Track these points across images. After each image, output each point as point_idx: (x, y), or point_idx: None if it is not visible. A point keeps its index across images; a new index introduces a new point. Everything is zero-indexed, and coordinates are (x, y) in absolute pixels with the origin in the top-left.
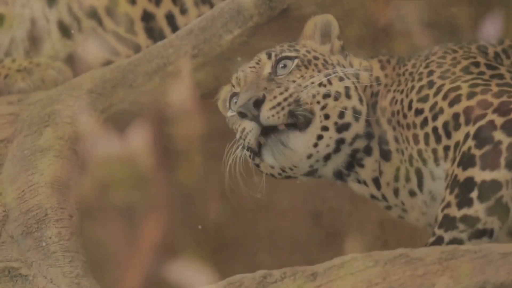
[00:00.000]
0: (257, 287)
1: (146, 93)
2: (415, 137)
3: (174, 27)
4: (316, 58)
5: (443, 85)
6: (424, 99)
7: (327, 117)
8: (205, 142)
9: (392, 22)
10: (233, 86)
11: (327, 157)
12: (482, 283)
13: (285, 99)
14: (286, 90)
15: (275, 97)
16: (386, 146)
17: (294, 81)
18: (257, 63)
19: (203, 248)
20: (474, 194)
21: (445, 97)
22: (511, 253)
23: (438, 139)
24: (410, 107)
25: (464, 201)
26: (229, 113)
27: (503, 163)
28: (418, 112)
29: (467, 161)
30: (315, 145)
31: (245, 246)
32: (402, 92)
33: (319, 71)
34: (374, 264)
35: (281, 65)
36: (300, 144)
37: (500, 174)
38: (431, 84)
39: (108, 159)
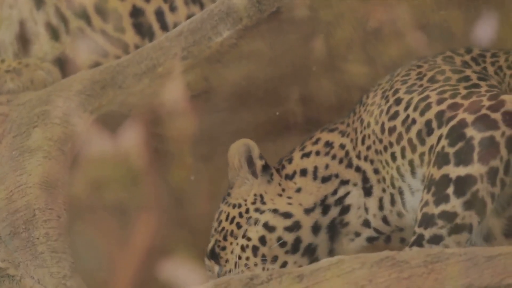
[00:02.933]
0: None
1: (135, 94)
2: (393, 155)
3: (163, 24)
4: (232, 220)
5: (411, 98)
6: (394, 116)
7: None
8: (195, 143)
9: (382, 25)
10: None
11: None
12: (467, 286)
13: None
14: None
15: None
16: (368, 183)
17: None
18: (209, 270)
19: (194, 248)
20: (450, 190)
21: (415, 109)
22: (496, 256)
23: (413, 149)
24: (383, 130)
25: (441, 198)
26: None
27: (476, 158)
28: (391, 130)
29: (441, 160)
30: None
31: None
32: (368, 125)
33: (235, 237)
34: (361, 267)
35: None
36: None
37: (474, 168)
38: (398, 101)
39: (99, 160)
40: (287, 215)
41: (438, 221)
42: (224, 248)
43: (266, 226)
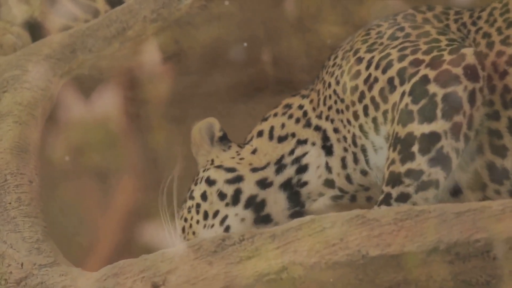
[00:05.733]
0: (216, 250)
1: (105, 58)
2: (355, 113)
3: None
4: (188, 190)
5: (372, 57)
6: (356, 75)
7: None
8: (167, 106)
9: None
10: None
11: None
12: (436, 242)
13: None
14: None
15: None
16: (328, 142)
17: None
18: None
19: (167, 210)
20: (415, 148)
21: (377, 67)
22: (464, 213)
23: (376, 107)
24: (344, 90)
25: (406, 156)
26: None
27: (440, 114)
28: (353, 89)
29: (405, 118)
30: None
31: None
32: (330, 85)
33: (185, 201)
34: (332, 225)
35: None
36: None
37: (438, 125)
38: (359, 60)
39: (76, 125)
40: (230, 170)
41: (405, 180)
42: (177, 215)
43: (208, 180)
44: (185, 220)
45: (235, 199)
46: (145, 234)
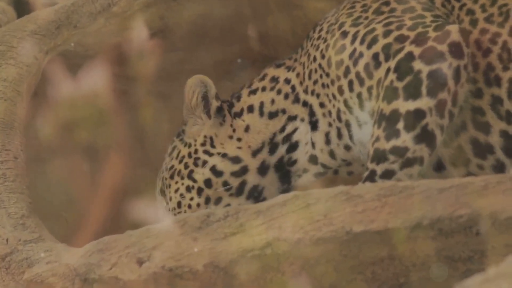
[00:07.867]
0: (201, 226)
1: (91, 34)
2: (340, 88)
3: None
4: (181, 160)
5: (357, 31)
6: (341, 50)
7: (218, 201)
8: (153, 82)
9: None
10: None
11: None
12: (419, 218)
13: None
14: None
15: None
16: (314, 117)
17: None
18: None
19: (154, 187)
20: (400, 125)
21: (362, 42)
22: (448, 189)
23: (361, 82)
24: (330, 64)
25: (391, 133)
26: None
27: (425, 92)
28: (339, 64)
29: (390, 95)
30: None
31: None
32: (315, 59)
33: (182, 177)
34: (316, 202)
35: None
36: None
37: (423, 102)
38: (344, 34)
39: (65, 101)
40: (235, 160)
41: (389, 156)
42: (169, 186)
43: (214, 170)
44: (182, 196)
45: (239, 191)
46: (132, 210)
